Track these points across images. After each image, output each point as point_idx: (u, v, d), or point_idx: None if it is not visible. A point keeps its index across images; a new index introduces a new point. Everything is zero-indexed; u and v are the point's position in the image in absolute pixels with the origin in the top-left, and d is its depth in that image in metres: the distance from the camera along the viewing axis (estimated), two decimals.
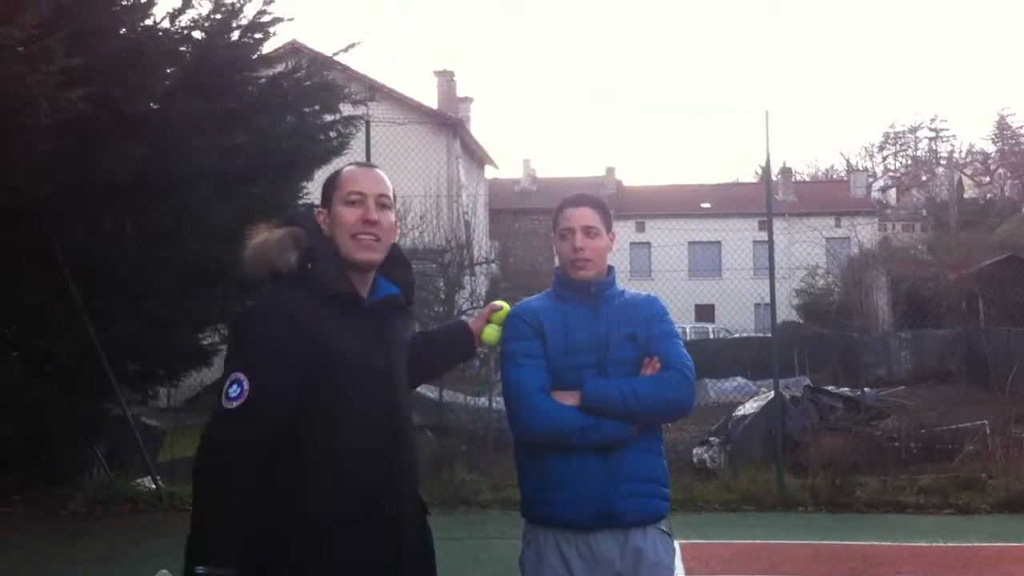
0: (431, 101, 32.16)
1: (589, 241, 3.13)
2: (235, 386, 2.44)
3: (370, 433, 2.61)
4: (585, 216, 3.16)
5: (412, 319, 3.06)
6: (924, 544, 8.14)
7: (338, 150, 11.00)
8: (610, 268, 3.23)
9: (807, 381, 15.68)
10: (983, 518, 9.25)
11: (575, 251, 3.12)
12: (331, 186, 2.75)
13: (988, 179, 69.64)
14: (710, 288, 28.11)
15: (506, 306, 3.25)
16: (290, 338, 2.49)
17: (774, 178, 15.97)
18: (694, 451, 11.85)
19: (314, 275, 2.61)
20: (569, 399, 3.00)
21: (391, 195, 2.76)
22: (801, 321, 29.25)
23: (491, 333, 3.21)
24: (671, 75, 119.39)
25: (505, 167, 64.15)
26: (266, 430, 2.44)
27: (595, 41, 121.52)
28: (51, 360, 9.97)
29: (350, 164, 2.87)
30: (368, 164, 2.87)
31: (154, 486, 10.31)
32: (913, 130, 77.33)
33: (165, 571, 2.54)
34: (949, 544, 8.13)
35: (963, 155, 73.28)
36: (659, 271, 30.35)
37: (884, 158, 77.70)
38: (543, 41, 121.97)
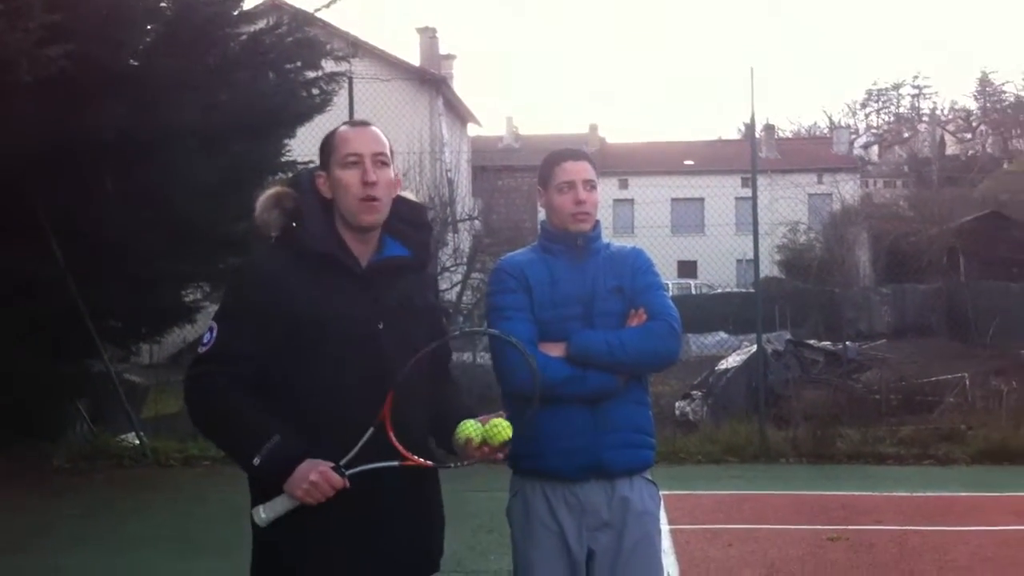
0: (413, 58, 31.88)
1: (589, 194, 3.14)
2: (208, 334, 2.61)
3: (348, 399, 2.56)
4: (584, 170, 3.16)
5: (428, 281, 2.92)
6: (904, 494, 8.27)
7: (321, 107, 10.94)
8: (596, 222, 3.24)
9: (788, 335, 15.76)
10: (962, 468, 9.39)
11: (578, 204, 3.12)
12: (327, 148, 2.70)
13: (970, 136, 69.53)
14: (693, 244, 28.08)
15: (503, 424, 2.68)
16: (257, 296, 2.58)
17: (757, 135, 15.89)
18: (676, 404, 11.96)
19: (298, 235, 2.62)
20: (556, 350, 3.02)
21: (388, 152, 2.70)
22: (783, 277, 29.28)
23: (468, 430, 2.68)
24: (654, 33, 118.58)
25: (488, 124, 63.72)
26: (230, 371, 2.55)
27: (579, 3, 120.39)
28: (34, 318, 9.95)
29: (344, 124, 2.81)
30: (362, 122, 2.81)
31: (138, 442, 10.34)
32: (896, 87, 76.96)
33: (257, 507, 2.56)
34: (928, 494, 8.26)
35: (945, 112, 73.04)
36: (642, 227, 30.30)
37: (867, 115, 77.31)
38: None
